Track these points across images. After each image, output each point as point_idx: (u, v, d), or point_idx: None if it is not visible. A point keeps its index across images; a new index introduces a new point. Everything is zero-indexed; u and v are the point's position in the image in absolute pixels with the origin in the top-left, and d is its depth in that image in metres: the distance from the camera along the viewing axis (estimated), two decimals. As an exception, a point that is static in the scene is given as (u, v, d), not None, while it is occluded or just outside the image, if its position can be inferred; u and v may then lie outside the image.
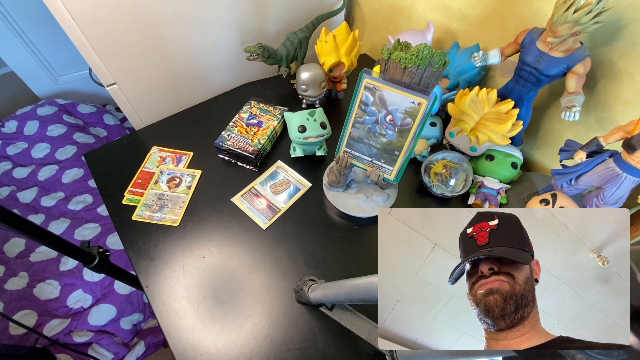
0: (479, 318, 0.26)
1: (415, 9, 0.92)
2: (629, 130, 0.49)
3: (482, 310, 0.25)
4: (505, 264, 0.26)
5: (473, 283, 0.26)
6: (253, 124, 0.80)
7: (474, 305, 0.26)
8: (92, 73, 0.83)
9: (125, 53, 0.76)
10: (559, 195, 0.62)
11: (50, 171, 1.39)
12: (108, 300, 1.08)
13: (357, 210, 0.67)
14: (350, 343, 0.53)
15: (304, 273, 0.61)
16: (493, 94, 0.67)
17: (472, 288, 0.26)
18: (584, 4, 0.49)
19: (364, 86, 0.57)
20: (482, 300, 0.25)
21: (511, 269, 0.25)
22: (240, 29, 0.89)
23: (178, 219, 0.68)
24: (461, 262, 0.27)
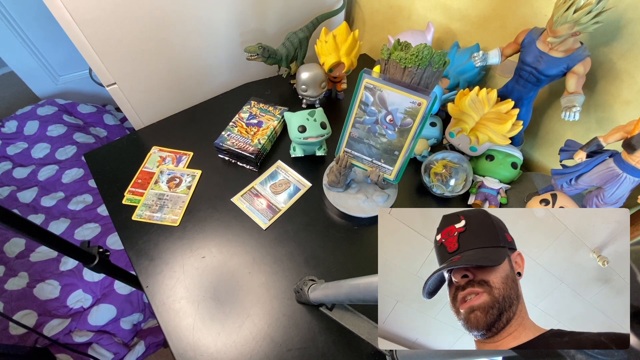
0: (466, 329, 0.25)
1: (415, 9, 0.92)
2: (629, 130, 0.49)
3: (467, 324, 0.25)
4: (479, 269, 0.24)
5: (454, 294, 0.25)
6: (253, 124, 0.80)
7: (457, 317, 0.25)
8: (92, 73, 0.83)
9: (125, 53, 0.76)
10: (559, 195, 0.62)
11: (50, 171, 1.39)
12: (108, 300, 1.08)
13: (357, 210, 0.67)
14: (350, 343, 0.53)
15: (304, 273, 0.61)
16: (493, 94, 0.67)
17: (454, 300, 0.25)
18: (584, 4, 0.49)
19: (364, 86, 0.57)
20: (464, 316, 0.25)
21: (485, 274, 0.24)
22: (240, 29, 0.89)
23: (178, 219, 0.68)
24: (431, 275, 0.25)
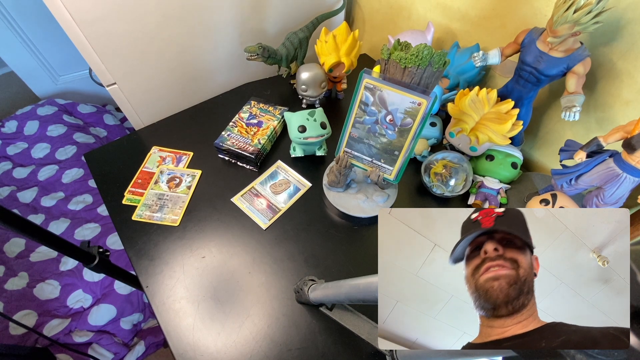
0: (477, 304, 0.25)
1: (415, 9, 0.92)
2: (629, 130, 0.49)
3: (482, 295, 0.25)
4: (510, 248, 0.25)
5: (477, 266, 0.26)
6: (253, 124, 0.80)
7: (473, 290, 0.25)
8: (92, 73, 0.83)
9: (125, 53, 0.76)
10: (559, 195, 0.62)
11: (50, 171, 1.39)
12: (108, 300, 1.08)
13: (357, 210, 0.67)
14: (350, 343, 0.53)
15: (304, 273, 0.61)
16: (493, 94, 0.67)
17: (474, 272, 0.26)
18: (584, 4, 0.49)
19: (364, 86, 0.57)
20: (485, 285, 0.25)
21: (515, 254, 0.25)
22: (240, 29, 0.89)
23: (178, 219, 0.68)
24: (464, 237, 0.26)
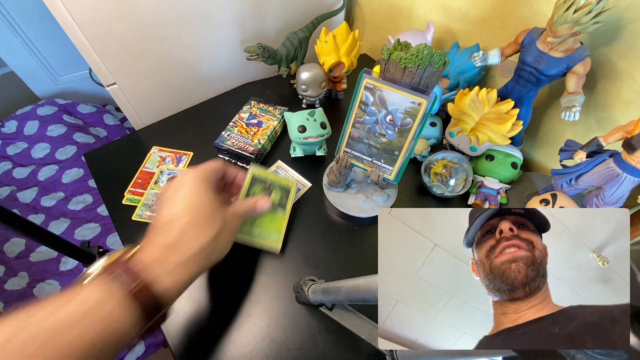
0: (492, 286, 0.25)
1: (415, 9, 0.92)
2: (629, 130, 0.49)
3: (499, 277, 0.25)
4: (523, 229, 0.25)
5: (492, 247, 0.25)
6: (253, 124, 0.80)
7: (487, 273, 0.25)
8: (92, 73, 0.83)
9: (125, 53, 0.76)
10: (559, 195, 0.62)
11: (50, 171, 1.39)
12: (108, 300, 1.08)
13: (357, 210, 0.67)
14: (350, 343, 0.53)
15: (304, 273, 0.61)
16: (493, 94, 0.67)
17: (489, 254, 0.25)
18: (584, 4, 0.49)
19: (364, 86, 0.57)
20: (501, 267, 0.25)
21: (530, 235, 0.25)
22: (240, 29, 0.89)
23: (178, 219, 0.68)
24: (479, 215, 0.25)
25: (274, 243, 0.58)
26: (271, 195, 0.60)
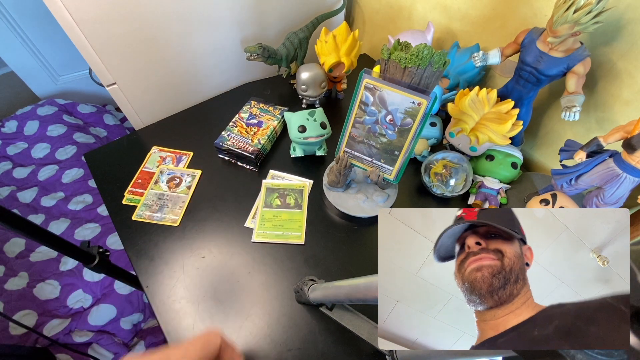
0: (467, 299, 0.25)
1: (415, 9, 0.92)
2: (629, 130, 0.49)
3: (468, 288, 0.25)
4: (493, 239, 0.25)
5: (462, 261, 0.26)
6: (253, 124, 0.80)
7: (461, 284, 0.25)
8: (92, 73, 0.83)
9: (125, 53, 0.76)
10: (559, 195, 0.62)
11: (50, 171, 1.39)
12: (108, 300, 1.08)
13: (357, 210, 0.67)
14: (350, 343, 0.53)
15: (304, 273, 0.61)
16: (493, 94, 0.67)
17: (460, 267, 0.26)
18: (584, 4, 0.49)
19: (364, 86, 0.57)
20: (469, 277, 0.25)
21: (499, 244, 0.25)
22: (240, 29, 0.89)
23: (178, 219, 0.68)
24: (443, 233, 0.26)
25: (295, 239, 0.66)
26: (286, 200, 0.70)
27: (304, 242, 0.65)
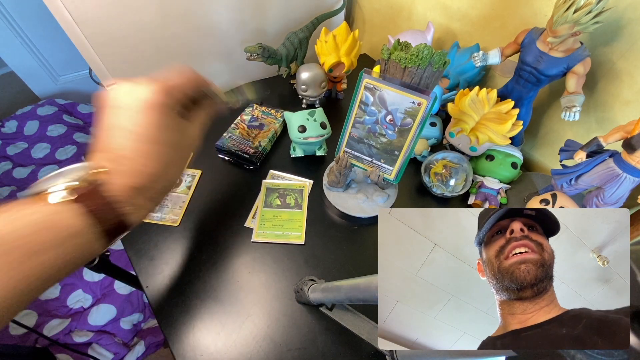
0: (500, 286, 0.25)
1: (415, 9, 0.92)
2: (629, 130, 0.49)
3: (508, 277, 0.25)
4: (534, 232, 0.25)
5: (501, 247, 0.26)
6: (255, 127, 0.80)
7: (495, 273, 0.25)
8: (92, 73, 0.83)
9: (125, 53, 0.76)
10: (559, 195, 0.62)
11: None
12: (108, 300, 1.08)
13: (357, 210, 0.67)
14: (350, 343, 0.53)
15: (304, 273, 0.61)
16: (493, 94, 0.67)
17: (498, 254, 0.25)
18: (584, 4, 0.49)
19: (364, 86, 0.57)
20: (511, 269, 0.25)
21: (540, 237, 0.25)
22: (240, 29, 0.89)
23: (178, 219, 0.68)
24: (490, 215, 0.25)
25: (295, 239, 0.65)
26: (286, 200, 0.70)
27: (304, 242, 0.65)
